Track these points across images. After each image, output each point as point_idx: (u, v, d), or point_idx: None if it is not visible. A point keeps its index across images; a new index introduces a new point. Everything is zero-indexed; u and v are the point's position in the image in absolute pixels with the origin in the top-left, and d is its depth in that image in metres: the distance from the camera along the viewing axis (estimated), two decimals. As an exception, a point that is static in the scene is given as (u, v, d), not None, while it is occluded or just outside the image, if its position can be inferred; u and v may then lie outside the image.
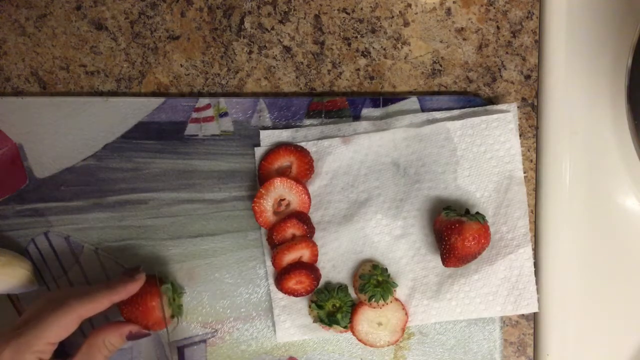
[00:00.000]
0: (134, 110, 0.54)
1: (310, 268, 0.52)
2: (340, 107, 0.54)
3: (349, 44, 0.56)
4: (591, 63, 0.54)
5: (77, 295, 0.45)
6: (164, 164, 0.54)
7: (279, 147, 0.53)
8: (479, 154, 0.53)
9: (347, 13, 0.56)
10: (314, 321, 0.53)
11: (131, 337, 0.47)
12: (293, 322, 0.53)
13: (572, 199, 0.54)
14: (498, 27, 0.55)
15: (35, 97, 0.54)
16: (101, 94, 0.56)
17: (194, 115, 0.54)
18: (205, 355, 0.53)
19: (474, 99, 0.54)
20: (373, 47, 0.56)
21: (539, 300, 0.53)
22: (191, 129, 0.54)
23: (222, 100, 0.54)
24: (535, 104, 0.55)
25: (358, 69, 0.56)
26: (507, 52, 0.55)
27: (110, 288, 0.46)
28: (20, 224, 0.53)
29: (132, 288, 0.47)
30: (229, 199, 0.54)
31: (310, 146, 0.54)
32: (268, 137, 0.54)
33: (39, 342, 0.43)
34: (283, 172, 0.53)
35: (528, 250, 0.53)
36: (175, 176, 0.54)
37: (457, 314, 0.53)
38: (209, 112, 0.54)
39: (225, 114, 0.54)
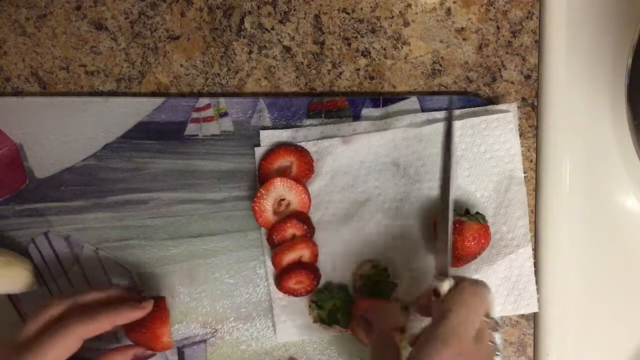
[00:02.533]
0: (134, 110, 0.54)
1: (310, 268, 0.52)
2: (340, 107, 0.54)
3: (349, 44, 0.56)
4: (591, 63, 0.54)
5: (79, 314, 0.44)
6: (164, 164, 0.54)
7: (279, 147, 0.53)
8: (479, 154, 0.53)
9: (347, 13, 0.56)
10: (314, 321, 0.53)
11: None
12: (293, 322, 0.53)
13: (572, 199, 0.54)
14: (498, 27, 0.55)
15: (35, 97, 0.54)
16: (101, 94, 0.56)
17: (194, 115, 0.54)
18: (206, 355, 0.53)
19: (474, 99, 0.54)
20: (373, 47, 0.56)
21: (539, 300, 0.53)
22: (191, 129, 0.54)
23: (222, 100, 0.54)
24: (535, 104, 0.55)
25: (358, 69, 0.56)
26: (507, 52, 0.55)
27: (114, 310, 0.45)
28: (20, 224, 0.53)
29: (137, 314, 0.46)
30: (229, 199, 0.54)
31: (310, 146, 0.53)
32: (268, 137, 0.54)
33: None
34: (283, 172, 0.53)
35: (528, 250, 0.53)
36: (175, 176, 0.54)
37: (457, 314, 0.53)
38: (209, 112, 0.54)
39: (225, 114, 0.54)
